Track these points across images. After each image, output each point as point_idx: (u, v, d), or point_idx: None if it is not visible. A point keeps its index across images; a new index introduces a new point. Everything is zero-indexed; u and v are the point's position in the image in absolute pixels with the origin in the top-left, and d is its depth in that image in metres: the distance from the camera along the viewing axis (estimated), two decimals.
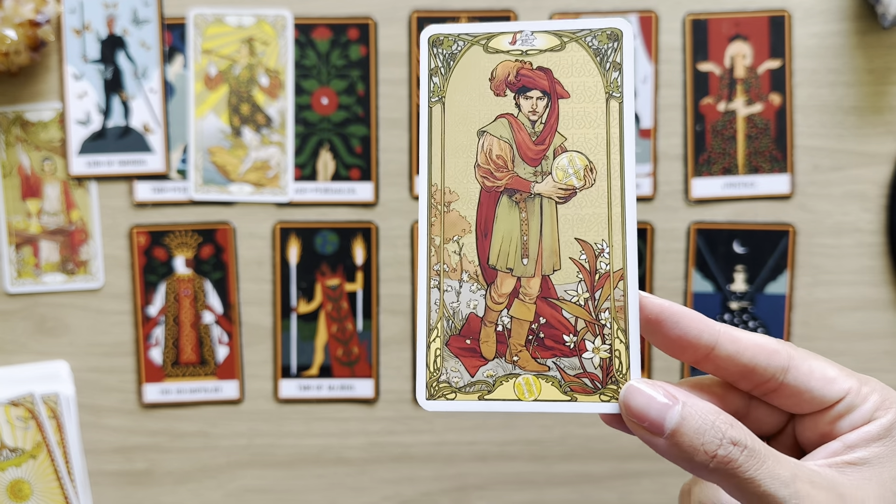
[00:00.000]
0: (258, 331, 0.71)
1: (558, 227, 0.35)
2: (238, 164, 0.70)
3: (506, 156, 0.36)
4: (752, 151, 0.70)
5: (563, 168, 0.35)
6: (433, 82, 0.36)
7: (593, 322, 0.35)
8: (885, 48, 0.70)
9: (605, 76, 0.35)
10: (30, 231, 0.71)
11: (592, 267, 0.35)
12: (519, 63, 0.36)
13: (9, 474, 0.69)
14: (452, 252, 0.35)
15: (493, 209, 0.36)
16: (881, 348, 0.71)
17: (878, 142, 0.70)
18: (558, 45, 0.36)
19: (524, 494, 0.72)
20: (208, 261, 0.71)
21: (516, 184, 0.35)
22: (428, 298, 0.35)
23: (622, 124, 0.35)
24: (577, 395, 0.34)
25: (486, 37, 0.36)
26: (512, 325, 0.35)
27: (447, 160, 0.36)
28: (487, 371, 0.35)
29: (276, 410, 0.72)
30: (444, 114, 0.36)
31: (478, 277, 0.35)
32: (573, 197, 0.35)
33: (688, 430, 0.31)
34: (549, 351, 0.35)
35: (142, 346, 0.71)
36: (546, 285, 0.35)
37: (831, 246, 0.71)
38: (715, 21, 0.70)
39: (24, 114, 0.70)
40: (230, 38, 0.70)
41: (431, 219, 0.36)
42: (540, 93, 0.36)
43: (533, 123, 0.36)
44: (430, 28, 0.36)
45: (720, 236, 0.71)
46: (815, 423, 0.34)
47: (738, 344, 0.33)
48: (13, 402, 0.69)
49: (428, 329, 0.35)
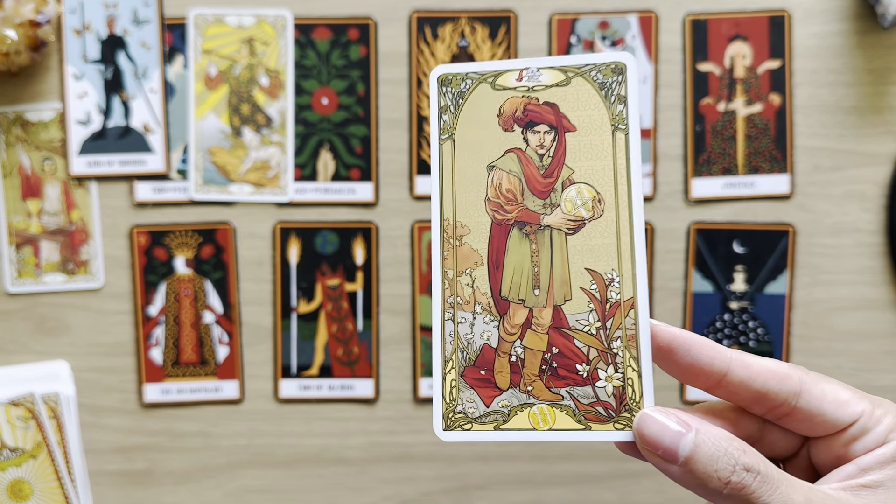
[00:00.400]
0: (258, 331, 0.71)
1: (568, 257, 0.36)
2: (238, 165, 0.70)
3: (515, 189, 0.36)
4: (751, 151, 0.70)
5: (572, 200, 0.36)
6: (443, 120, 0.37)
7: (605, 351, 0.35)
8: (885, 48, 0.70)
9: (611, 109, 0.36)
10: (30, 231, 0.71)
11: (603, 296, 0.35)
12: (526, 99, 0.37)
13: (9, 474, 0.69)
14: (465, 284, 0.36)
15: (503, 242, 0.36)
16: (881, 348, 0.71)
17: (878, 142, 0.70)
18: (564, 80, 0.37)
19: (524, 494, 0.72)
20: (208, 261, 0.71)
21: (526, 216, 0.36)
22: (442, 330, 0.36)
23: (629, 155, 0.36)
24: (591, 423, 0.35)
25: (494, 74, 0.37)
26: (525, 355, 0.36)
27: (458, 195, 0.37)
28: (502, 401, 0.36)
29: (277, 410, 0.72)
30: (454, 150, 0.37)
31: (491, 309, 0.36)
32: (582, 228, 0.36)
33: (701, 456, 0.31)
34: (562, 380, 0.35)
35: (142, 346, 0.71)
36: (558, 315, 0.36)
37: (831, 246, 0.71)
38: (715, 21, 0.70)
39: (24, 114, 0.70)
40: (230, 38, 0.70)
41: (444, 252, 0.36)
42: (547, 127, 0.36)
43: (541, 157, 0.36)
44: (439, 68, 0.38)
45: (720, 236, 0.71)
46: (829, 446, 0.34)
47: (749, 370, 0.33)
48: (13, 402, 0.69)
49: (443, 360, 0.36)
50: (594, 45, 0.70)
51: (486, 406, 0.36)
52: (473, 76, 0.37)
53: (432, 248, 0.36)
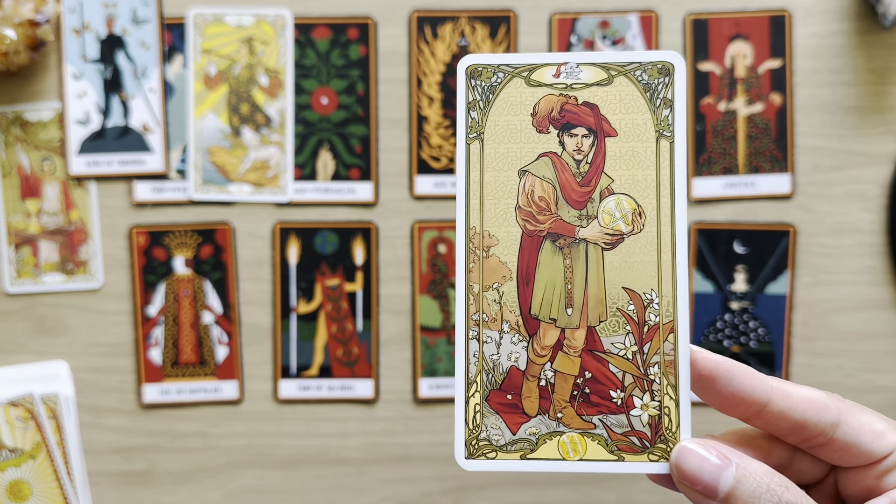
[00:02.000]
0: (258, 331, 0.71)
1: (605, 275, 0.33)
2: (237, 164, 0.70)
3: (549, 198, 0.33)
4: (752, 151, 0.70)
5: (611, 212, 0.33)
6: (471, 117, 0.34)
7: (642, 377, 0.33)
8: (886, 48, 0.70)
9: (656, 113, 0.34)
10: (29, 231, 0.70)
11: (641, 318, 0.33)
12: (563, 98, 0.34)
13: (8, 475, 0.69)
14: (492, 301, 0.33)
15: (535, 255, 0.33)
16: (882, 348, 0.71)
17: (879, 142, 0.70)
18: (605, 78, 0.34)
19: (524, 494, 0.72)
20: (208, 261, 0.71)
21: (560, 228, 0.33)
22: (466, 350, 0.33)
23: (673, 165, 0.33)
24: (624, 454, 0.33)
25: (528, 68, 0.34)
26: (556, 379, 0.33)
27: (486, 202, 0.34)
28: (530, 428, 0.33)
29: (276, 411, 0.72)
30: (482, 151, 0.34)
31: (519, 328, 0.33)
32: (620, 243, 0.33)
33: (742, 493, 0.30)
34: (595, 407, 0.33)
35: (141, 346, 0.71)
36: (592, 337, 0.33)
37: (832, 246, 0.71)
38: (715, 21, 0.70)
39: (23, 113, 0.70)
40: (230, 37, 0.70)
41: (470, 265, 0.33)
42: (586, 130, 0.34)
43: (578, 163, 0.34)
44: (468, 58, 0.34)
45: (721, 236, 0.70)
46: (861, 477, 0.33)
47: (789, 400, 0.32)
48: (13, 403, 0.68)
49: (467, 383, 0.33)
50: (594, 44, 0.70)
51: (512, 433, 0.33)
52: (506, 69, 0.34)
53: (456, 260, 0.33)
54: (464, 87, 0.34)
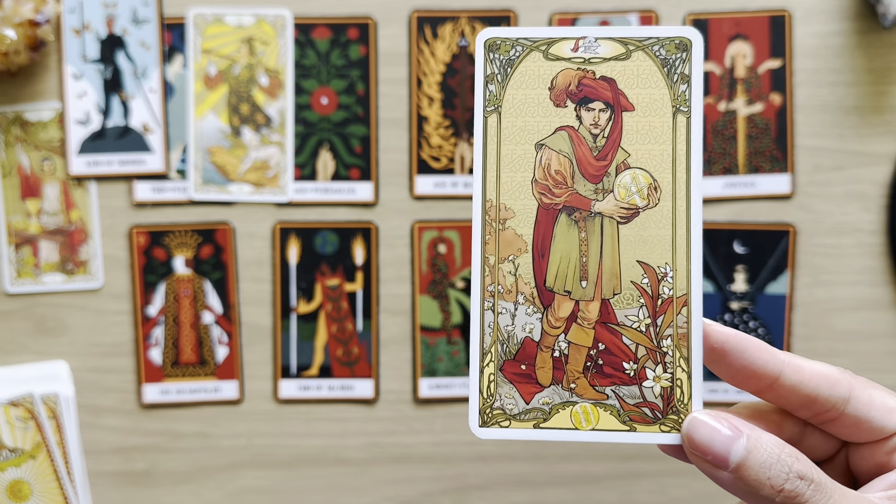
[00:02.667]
0: (258, 331, 0.71)
1: (619, 248, 0.34)
2: (238, 164, 0.70)
3: (565, 171, 0.34)
4: (752, 151, 0.70)
5: (626, 186, 0.34)
6: (489, 90, 0.34)
7: (655, 349, 0.33)
8: (886, 48, 0.70)
9: (673, 89, 0.34)
10: (29, 231, 0.70)
11: (655, 291, 0.33)
12: (581, 72, 0.34)
13: (8, 474, 0.69)
14: (508, 272, 0.34)
15: (550, 228, 0.34)
16: (882, 349, 0.71)
17: (879, 142, 0.70)
18: (623, 53, 0.34)
19: (524, 495, 0.72)
20: (208, 261, 0.71)
21: (576, 201, 0.34)
22: (481, 321, 0.34)
23: (689, 141, 0.33)
24: (636, 424, 0.33)
25: (547, 42, 0.34)
26: (569, 350, 0.34)
27: (503, 174, 0.34)
28: (543, 398, 0.34)
29: (276, 411, 0.72)
30: (500, 124, 0.34)
31: (534, 300, 0.34)
32: (636, 217, 0.33)
33: (754, 463, 0.31)
34: (607, 378, 0.33)
35: (141, 346, 0.71)
36: (606, 310, 0.34)
37: (832, 246, 0.71)
38: (715, 21, 0.70)
39: (23, 113, 0.70)
40: (230, 37, 0.70)
41: (486, 237, 0.34)
42: (603, 104, 0.34)
43: (595, 137, 0.34)
44: (486, 31, 0.34)
45: (720, 236, 0.71)
46: (872, 453, 0.33)
47: (801, 374, 0.32)
48: (13, 403, 0.68)
49: (481, 353, 0.34)
50: None
51: (525, 403, 0.34)
52: (525, 42, 0.34)
53: (473, 232, 0.34)
54: (482, 60, 0.34)
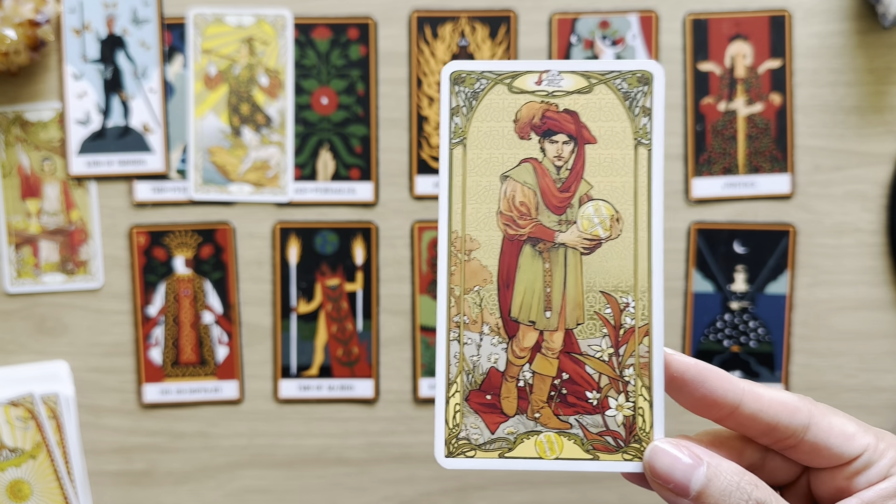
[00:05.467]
0: (258, 331, 0.71)
1: (583, 279, 0.34)
2: (238, 164, 0.70)
3: (529, 203, 0.34)
4: (752, 151, 0.70)
5: (589, 217, 0.34)
6: (454, 122, 0.35)
7: (617, 379, 0.34)
8: (886, 48, 0.70)
9: (634, 121, 0.34)
10: (29, 231, 0.71)
11: (617, 321, 0.34)
12: (545, 105, 0.34)
13: (8, 474, 0.69)
14: (473, 303, 0.34)
15: (515, 259, 0.34)
16: (882, 349, 0.71)
17: (879, 142, 0.70)
18: (586, 86, 0.34)
19: (524, 495, 0.72)
20: (208, 261, 0.71)
21: (540, 232, 0.34)
22: (447, 351, 0.34)
23: (650, 173, 0.34)
24: (599, 453, 0.34)
25: (511, 75, 0.35)
26: (534, 380, 0.34)
27: (468, 206, 0.34)
28: (508, 428, 0.34)
29: (276, 410, 0.72)
30: (465, 156, 0.35)
31: (499, 330, 0.34)
32: (598, 248, 0.34)
33: (713, 491, 0.31)
34: (571, 408, 0.34)
35: (141, 346, 0.71)
36: (569, 340, 0.34)
37: (832, 246, 0.71)
38: (715, 21, 0.70)
39: (23, 113, 0.70)
40: (230, 37, 0.70)
41: (451, 268, 0.34)
42: (566, 137, 0.34)
43: (558, 169, 0.34)
44: (451, 64, 0.35)
45: (720, 236, 0.71)
46: (832, 478, 0.34)
47: (760, 402, 0.33)
48: (13, 403, 0.68)
49: (447, 383, 0.34)
50: (594, 44, 0.70)
51: (490, 433, 0.34)
52: (489, 76, 0.35)
53: (439, 263, 0.34)
54: (447, 92, 0.35)
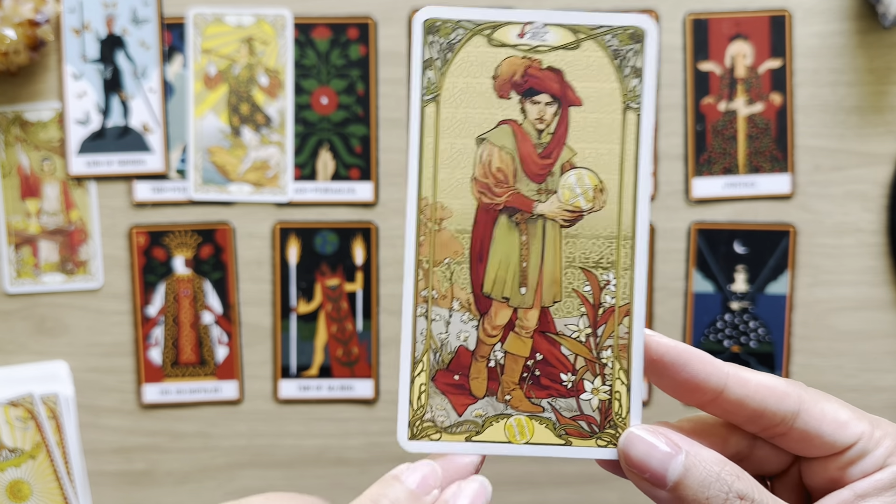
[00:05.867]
0: (258, 331, 0.71)
1: (561, 253, 0.32)
2: (237, 164, 0.70)
3: (507, 169, 0.31)
4: (752, 151, 0.70)
5: (571, 187, 0.31)
6: (427, 77, 0.31)
7: (594, 361, 0.32)
8: (886, 48, 0.70)
9: (624, 83, 0.31)
10: (29, 231, 0.70)
11: (597, 300, 0.31)
12: (527, 60, 0.31)
13: (8, 475, 0.69)
14: (443, 277, 0.32)
15: (490, 230, 0.32)
16: (882, 349, 0.71)
17: (879, 141, 0.70)
18: (573, 42, 0.31)
19: (525, 495, 0.72)
20: (208, 261, 0.71)
21: (517, 202, 0.32)
22: (413, 328, 0.32)
23: (639, 140, 0.31)
24: (572, 438, 0.32)
25: (492, 26, 0.31)
26: (505, 360, 0.32)
27: (440, 170, 0.32)
28: (477, 410, 0.32)
29: (276, 411, 0.72)
30: (438, 115, 0.32)
31: (470, 307, 0.32)
32: (580, 220, 0.31)
33: (692, 482, 0.29)
34: (544, 390, 0.32)
35: (141, 346, 0.71)
36: (545, 318, 0.32)
37: (832, 246, 0.71)
38: (715, 21, 0.70)
39: (23, 113, 0.70)
40: (230, 37, 0.70)
41: (420, 238, 0.32)
42: (549, 98, 0.31)
43: (539, 133, 0.31)
44: (426, 10, 0.31)
45: (721, 236, 0.70)
46: (825, 468, 0.32)
47: (746, 387, 0.31)
48: (12, 403, 0.68)
49: (412, 362, 0.32)
50: None
51: (458, 415, 0.32)
52: (468, 25, 0.31)
53: (406, 232, 0.32)
54: (420, 43, 0.31)
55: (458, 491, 0.31)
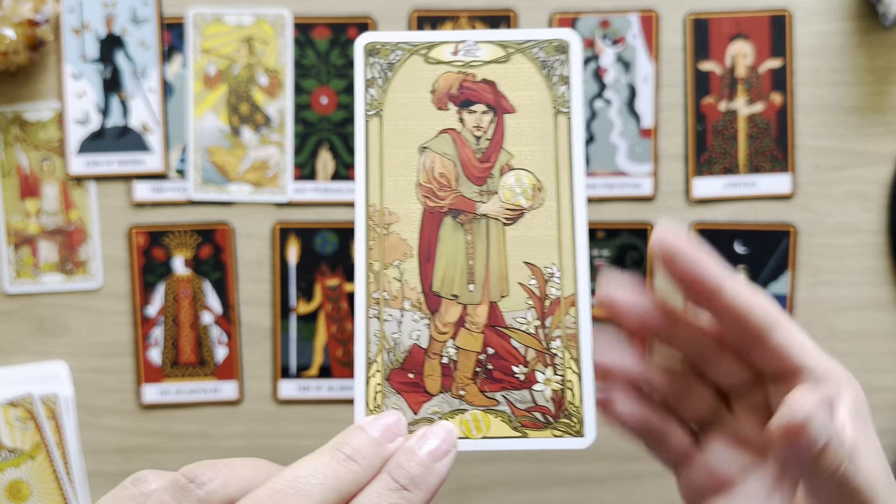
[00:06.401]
0: (257, 331, 0.71)
1: (506, 250, 0.33)
2: (237, 164, 0.70)
3: (449, 174, 0.34)
4: (753, 151, 0.70)
5: (510, 187, 0.34)
6: (370, 94, 0.34)
7: (544, 351, 0.33)
8: (887, 47, 0.70)
9: (553, 90, 0.34)
10: (28, 231, 0.70)
11: (543, 292, 0.33)
12: (462, 75, 0.34)
13: (7, 475, 0.68)
14: (393, 278, 0.33)
15: (436, 231, 0.34)
16: (883, 349, 0.71)
17: (880, 141, 0.70)
18: (503, 56, 0.34)
19: (525, 496, 0.72)
20: (207, 261, 0.71)
21: (460, 204, 0.34)
22: (367, 329, 0.33)
23: (571, 141, 0.34)
24: (527, 430, 0.33)
25: (427, 46, 0.34)
26: (458, 356, 0.33)
27: (386, 178, 0.34)
28: (432, 407, 0.33)
29: (276, 411, 0.71)
30: (382, 128, 0.34)
31: (421, 306, 0.33)
32: (521, 218, 0.33)
33: None
34: (497, 384, 0.33)
35: (140, 346, 0.71)
36: (494, 313, 0.33)
37: (832, 246, 0.71)
38: (716, 20, 0.70)
39: (22, 113, 0.70)
40: (229, 37, 0.70)
41: (370, 242, 0.33)
42: (485, 107, 0.34)
43: (477, 139, 0.34)
44: (365, 35, 0.35)
45: (721, 236, 0.70)
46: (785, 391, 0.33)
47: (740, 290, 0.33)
48: (12, 403, 0.68)
49: (367, 363, 0.33)
50: (595, 44, 0.70)
51: (414, 413, 0.33)
52: (405, 47, 0.34)
53: (356, 238, 0.33)
54: (362, 64, 0.34)
55: (424, 434, 0.32)
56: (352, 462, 0.31)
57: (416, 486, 0.30)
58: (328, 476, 0.30)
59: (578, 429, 0.33)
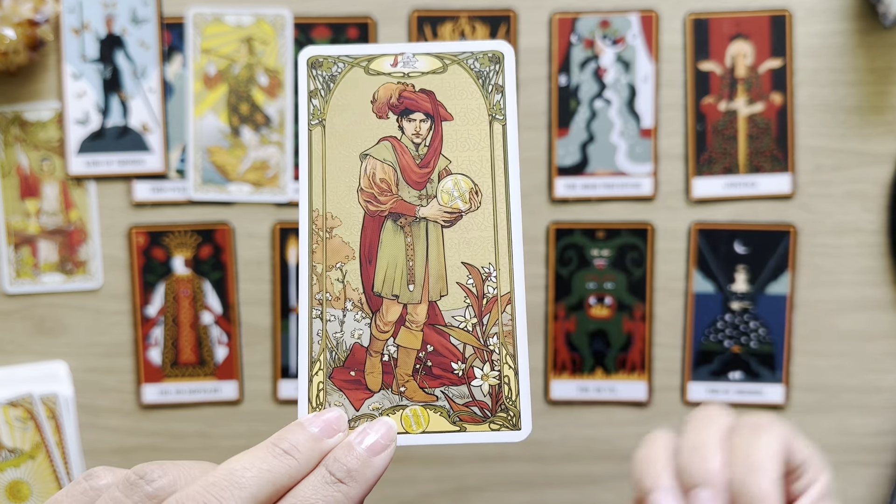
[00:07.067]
0: (257, 331, 0.71)
1: (445, 251, 0.35)
2: (237, 164, 0.70)
3: (389, 179, 0.35)
4: (753, 151, 0.70)
5: (448, 191, 0.35)
6: (313, 104, 0.36)
7: (482, 348, 0.34)
8: (887, 47, 0.70)
9: (488, 99, 0.36)
10: (28, 231, 0.70)
11: (480, 291, 0.35)
12: (402, 85, 0.36)
13: (7, 475, 0.68)
14: (335, 280, 0.35)
15: (377, 234, 0.35)
16: (883, 349, 0.71)
17: (880, 141, 0.70)
18: (440, 67, 0.36)
19: (524, 495, 0.72)
20: (207, 261, 0.71)
21: (401, 208, 0.35)
22: (310, 329, 0.34)
23: (506, 147, 0.35)
24: (466, 424, 0.34)
25: (367, 59, 0.36)
26: (398, 354, 0.34)
27: (329, 184, 0.35)
28: (373, 404, 0.34)
29: (276, 411, 0.71)
30: (324, 136, 0.36)
31: (362, 306, 0.35)
32: (459, 220, 0.35)
33: None
34: (437, 380, 0.34)
35: (140, 346, 0.71)
36: (433, 312, 0.35)
37: (832, 246, 0.71)
38: (716, 20, 0.70)
39: (22, 113, 0.70)
40: (229, 37, 0.70)
41: (313, 245, 0.35)
42: (423, 115, 0.36)
43: (417, 146, 0.36)
44: (308, 49, 0.36)
45: (721, 236, 0.70)
46: None
47: None
48: (12, 403, 0.68)
49: (310, 362, 0.34)
50: (595, 44, 0.70)
51: (356, 410, 0.34)
52: (346, 59, 0.36)
53: (300, 241, 0.35)
54: (305, 76, 0.36)
55: (363, 430, 0.33)
56: (288, 457, 0.31)
57: (353, 480, 0.31)
58: (263, 470, 0.31)
59: (515, 422, 0.34)
